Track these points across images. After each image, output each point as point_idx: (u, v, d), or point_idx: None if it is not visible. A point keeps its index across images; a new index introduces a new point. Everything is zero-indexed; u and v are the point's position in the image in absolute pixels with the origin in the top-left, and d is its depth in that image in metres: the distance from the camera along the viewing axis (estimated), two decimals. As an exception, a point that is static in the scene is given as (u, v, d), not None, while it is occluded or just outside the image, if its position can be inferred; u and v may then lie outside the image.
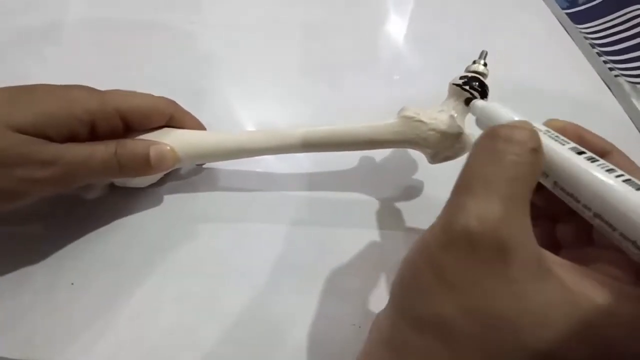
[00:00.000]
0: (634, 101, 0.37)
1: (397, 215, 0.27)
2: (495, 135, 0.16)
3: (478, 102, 0.22)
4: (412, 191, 0.28)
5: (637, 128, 0.35)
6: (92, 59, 0.35)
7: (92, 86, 0.23)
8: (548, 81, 0.37)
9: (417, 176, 0.29)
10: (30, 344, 0.21)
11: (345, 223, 0.27)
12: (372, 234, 0.26)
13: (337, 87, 0.35)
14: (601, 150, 0.17)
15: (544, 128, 0.18)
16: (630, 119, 0.36)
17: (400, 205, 0.28)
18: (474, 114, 0.22)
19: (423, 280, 0.15)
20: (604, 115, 0.36)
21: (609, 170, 0.15)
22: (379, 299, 0.23)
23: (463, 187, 0.15)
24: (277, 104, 0.33)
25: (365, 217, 0.27)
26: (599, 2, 0.46)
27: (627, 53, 0.42)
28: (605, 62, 0.41)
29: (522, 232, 0.14)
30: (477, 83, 0.24)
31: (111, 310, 0.22)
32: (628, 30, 0.43)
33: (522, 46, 0.41)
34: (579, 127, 0.19)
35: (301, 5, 0.42)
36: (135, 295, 0.23)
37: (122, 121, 0.23)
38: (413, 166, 0.30)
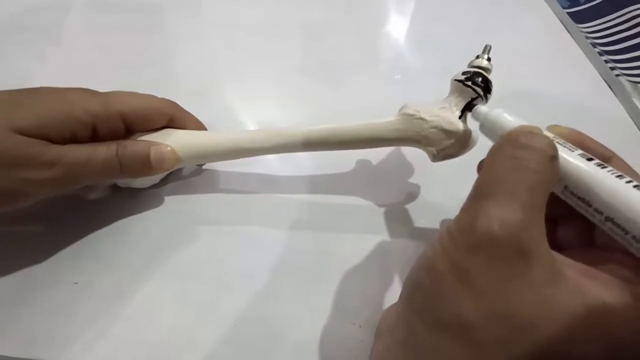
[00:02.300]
0: (635, 101, 0.37)
1: (397, 217, 0.27)
2: (516, 142, 0.16)
3: (481, 108, 0.22)
4: (412, 194, 0.28)
5: (638, 128, 0.35)
6: (93, 60, 0.35)
7: (92, 87, 0.23)
8: (549, 81, 0.37)
9: (417, 179, 0.29)
10: (32, 343, 0.21)
11: (346, 224, 0.27)
12: (372, 235, 0.26)
13: (338, 87, 0.35)
14: (602, 157, 0.18)
15: (551, 134, 0.18)
16: (632, 118, 0.35)
17: (399, 207, 0.28)
18: (476, 119, 0.22)
19: (445, 283, 0.15)
20: (605, 114, 0.36)
21: (619, 177, 0.16)
22: (379, 299, 0.23)
23: (484, 192, 0.15)
24: (277, 104, 0.33)
25: (365, 218, 0.27)
26: (601, 2, 0.46)
27: (628, 52, 0.42)
28: (606, 61, 0.41)
29: (540, 237, 0.15)
30: (480, 79, 0.23)
31: (112, 310, 0.22)
32: (629, 29, 0.42)
33: (523, 46, 0.41)
34: (581, 133, 0.19)
35: (302, 5, 0.42)
36: (136, 295, 0.23)
37: (124, 123, 0.23)
38: (413, 169, 0.30)
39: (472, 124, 0.23)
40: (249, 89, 0.34)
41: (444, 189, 0.28)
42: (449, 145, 0.23)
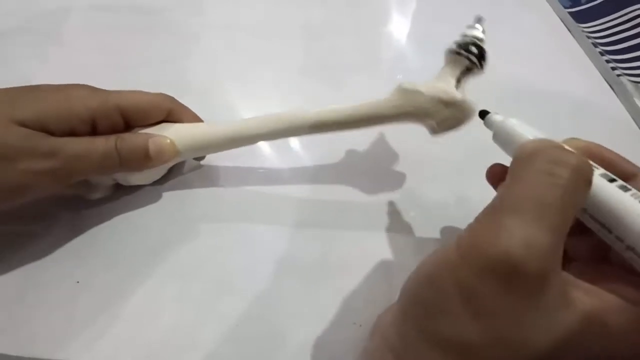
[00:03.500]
0: (637, 101, 0.37)
1: (399, 215, 0.27)
2: (552, 157, 0.15)
3: (495, 116, 0.21)
4: (415, 192, 0.28)
5: (640, 127, 0.35)
6: (95, 59, 0.35)
7: (94, 86, 0.23)
8: (550, 80, 0.37)
9: (420, 177, 0.29)
10: (32, 341, 0.21)
11: (347, 222, 0.27)
12: (374, 234, 0.26)
13: (339, 87, 0.35)
14: (625, 173, 0.17)
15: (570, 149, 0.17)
16: (633, 118, 0.35)
17: (400, 206, 0.28)
18: (489, 127, 0.21)
19: (449, 302, 0.14)
20: (606, 114, 0.36)
21: None
22: (380, 299, 0.23)
23: (510, 206, 0.14)
24: (278, 104, 0.33)
25: (367, 216, 0.27)
26: (602, 1, 0.46)
27: (629, 52, 0.42)
28: (607, 61, 0.41)
29: (559, 261, 0.14)
30: (474, 47, 0.23)
31: (112, 308, 0.22)
32: (631, 29, 0.42)
33: (525, 45, 0.41)
34: (601, 147, 0.18)
35: (302, 5, 0.42)
36: (136, 294, 0.23)
37: (122, 118, 0.23)
38: (416, 167, 0.29)
39: (472, 94, 0.23)
40: (250, 89, 0.34)
41: (448, 187, 0.28)
42: (447, 115, 0.23)
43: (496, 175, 0.21)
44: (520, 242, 0.13)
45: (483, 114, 0.22)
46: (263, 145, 0.30)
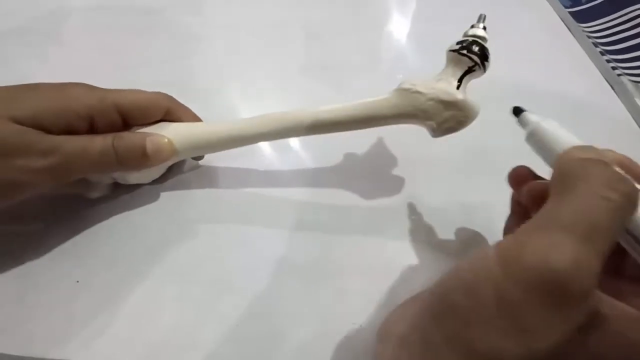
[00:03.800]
0: (637, 100, 0.36)
1: (399, 216, 0.27)
2: (607, 182, 0.15)
3: (531, 116, 0.20)
4: (414, 193, 0.28)
5: (640, 127, 0.35)
6: (95, 59, 0.35)
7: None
8: (550, 80, 0.37)
9: (420, 179, 0.29)
10: (31, 341, 0.21)
11: (347, 222, 0.27)
12: (373, 234, 0.26)
13: (340, 87, 0.35)
14: None
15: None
16: (633, 118, 0.35)
17: (401, 206, 0.28)
18: (523, 127, 0.20)
19: (486, 313, 0.14)
20: (606, 114, 0.36)
21: None
22: (380, 299, 0.23)
23: (561, 224, 0.14)
24: (279, 105, 0.33)
25: (366, 217, 0.27)
26: (602, 1, 0.46)
27: (630, 52, 0.42)
28: (608, 61, 0.41)
29: (597, 281, 0.14)
30: (476, 47, 0.22)
31: (112, 308, 0.22)
32: (631, 29, 0.42)
33: (525, 45, 0.40)
34: (631, 160, 0.18)
35: (303, 5, 0.42)
36: (136, 293, 0.23)
37: (120, 116, 0.23)
38: (416, 168, 0.29)
39: (472, 94, 0.22)
40: (250, 89, 0.34)
41: (447, 189, 0.28)
42: (448, 117, 0.23)
43: (521, 178, 0.21)
44: (571, 262, 0.13)
45: (517, 111, 0.21)
46: (263, 145, 0.30)
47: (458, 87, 0.23)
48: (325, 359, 0.21)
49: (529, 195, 0.20)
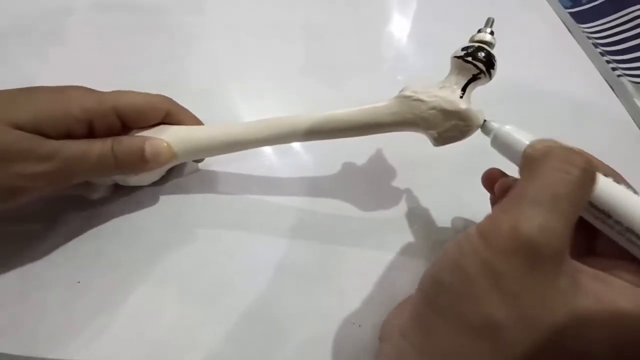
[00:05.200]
0: (637, 101, 0.36)
1: (397, 218, 0.27)
2: (566, 158, 0.17)
3: (492, 124, 0.22)
4: (412, 196, 0.28)
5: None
6: (95, 59, 0.35)
7: (95, 87, 0.23)
8: (550, 81, 0.37)
9: (419, 181, 0.29)
10: (32, 341, 0.21)
11: (346, 224, 0.27)
12: (372, 235, 0.26)
13: (340, 87, 0.35)
14: (605, 174, 0.19)
15: None
16: (633, 119, 0.35)
17: (399, 209, 0.28)
18: (487, 134, 0.22)
19: (475, 284, 0.15)
20: (606, 115, 0.36)
21: (634, 192, 0.17)
22: (379, 299, 0.23)
23: (530, 197, 0.16)
24: (279, 105, 0.33)
25: (365, 219, 0.27)
26: (602, 2, 0.46)
27: (630, 53, 0.42)
28: (608, 61, 0.41)
29: (568, 247, 0.15)
30: (482, 54, 0.21)
31: (112, 308, 0.22)
32: (631, 30, 0.42)
33: (525, 45, 0.40)
34: (599, 160, 0.20)
35: (303, 5, 0.42)
36: (137, 294, 0.23)
37: (120, 119, 0.23)
38: (415, 171, 0.29)
39: (475, 103, 0.22)
40: (250, 89, 0.34)
41: (445, 192, 0.28)
42: (450, 127, 0.22)
43: (492, 178, 0.22)
44: (539, 227, 0.14)
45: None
46: (263, 148, 0.30)
47: (462, 96, 0.22)
48: (325, 359, 0.22)
49: (500, 190, 0.21)
